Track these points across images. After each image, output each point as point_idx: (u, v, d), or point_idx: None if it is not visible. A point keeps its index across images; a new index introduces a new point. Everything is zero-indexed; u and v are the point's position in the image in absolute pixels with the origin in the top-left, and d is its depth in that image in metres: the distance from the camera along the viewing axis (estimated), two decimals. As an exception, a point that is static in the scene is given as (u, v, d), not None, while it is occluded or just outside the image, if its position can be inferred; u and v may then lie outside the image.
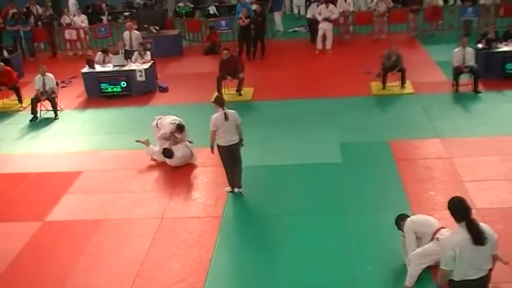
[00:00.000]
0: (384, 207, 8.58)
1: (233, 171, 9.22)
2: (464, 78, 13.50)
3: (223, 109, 8.88)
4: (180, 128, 10.39)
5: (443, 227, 6.88)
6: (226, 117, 8.80)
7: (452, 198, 5.40)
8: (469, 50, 13.51)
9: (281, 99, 13.53)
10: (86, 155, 11.39)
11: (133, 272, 7.52)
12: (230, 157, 9.09)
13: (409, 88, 13.80)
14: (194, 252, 7.87)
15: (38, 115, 13.65)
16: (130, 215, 9.00)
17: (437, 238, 6.68)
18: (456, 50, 13.54)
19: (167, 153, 10.33)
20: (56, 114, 13.68)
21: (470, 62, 13.36)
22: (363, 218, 8.36)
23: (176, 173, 10.23)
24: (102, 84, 14.72)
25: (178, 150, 10.33)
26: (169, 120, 10.55)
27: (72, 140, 12.32)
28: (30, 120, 13.49)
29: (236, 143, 9.02)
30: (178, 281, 7.29)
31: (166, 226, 8.59)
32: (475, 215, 5.40)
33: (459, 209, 5.29)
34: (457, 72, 13.37)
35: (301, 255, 7.66)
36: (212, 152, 9.13)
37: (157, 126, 10.69)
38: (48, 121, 13.50)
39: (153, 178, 9.97)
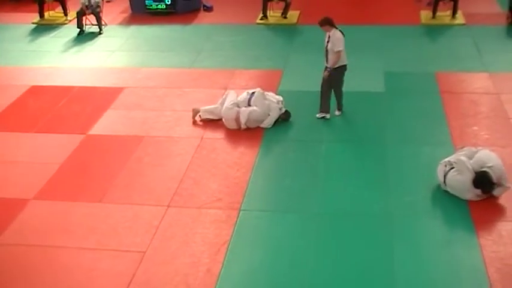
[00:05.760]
0: (425, 139, 8.49)
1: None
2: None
3: (337, 28, 8.82)
4: None
5: None
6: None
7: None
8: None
9: (326, 24, 13.19)
10: (128, 71, 11.45)
11: (172, 189, 7.68)
12: None
13: (460, 19, 13.30)
14: (232, 173, 7.97)
15: (84, 29, 13.70)
16: (171, 133, 9.11)
17: None
18: (514, -22, 12.85)
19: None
20: (101, 29, 13.71)
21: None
22: (402, 149, 8.29)
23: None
24: (146, 1, 14.60)
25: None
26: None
27: (116, 55, 12.38)
28: (78, 34, 13.54)
29: None
30: (215, 200, 7.43)
31: (206, 146, 8.69)
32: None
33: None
34: (513, 3, 12.77)
35: (337, 182, 7.68)
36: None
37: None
38: (92, 36, 13.54)
39: (195, 97, 9.98)
